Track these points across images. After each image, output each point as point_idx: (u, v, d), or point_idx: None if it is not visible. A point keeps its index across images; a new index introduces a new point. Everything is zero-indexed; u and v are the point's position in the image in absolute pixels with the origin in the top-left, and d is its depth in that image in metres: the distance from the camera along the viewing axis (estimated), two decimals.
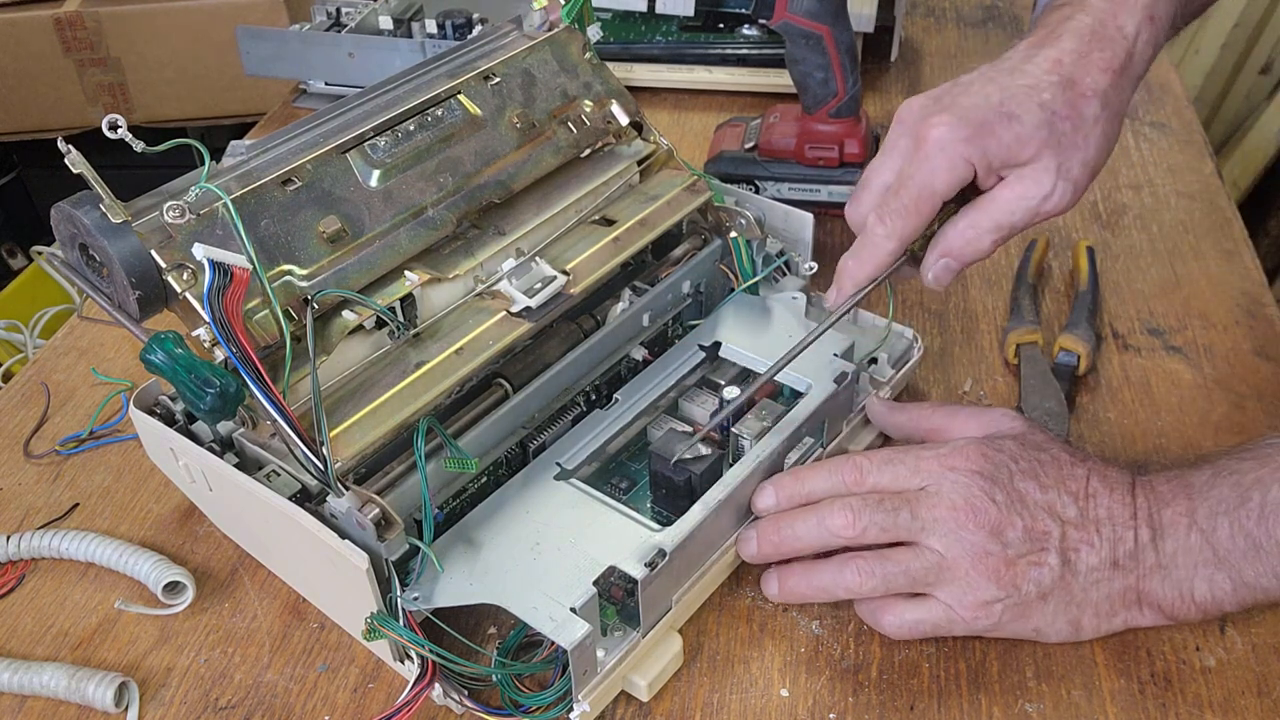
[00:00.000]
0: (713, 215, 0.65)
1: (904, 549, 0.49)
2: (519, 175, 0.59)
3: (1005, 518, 0.48)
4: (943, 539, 0.48)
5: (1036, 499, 0.49)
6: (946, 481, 0.49)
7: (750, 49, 1.01)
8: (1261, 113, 1.60)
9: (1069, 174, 0.51)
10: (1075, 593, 0.49)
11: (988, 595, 0.48)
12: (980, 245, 0.53)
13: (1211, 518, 0.48)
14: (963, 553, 0.48)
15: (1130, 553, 0.49)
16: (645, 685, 0.49)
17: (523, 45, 0.63)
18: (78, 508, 0.61)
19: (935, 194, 0.52)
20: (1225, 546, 0.47)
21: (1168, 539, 0.48)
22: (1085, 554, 0.49)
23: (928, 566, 0.49)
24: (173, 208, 0.48)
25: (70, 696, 0.50)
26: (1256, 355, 0.67)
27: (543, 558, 0.48)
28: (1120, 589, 0.49)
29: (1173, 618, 0.49)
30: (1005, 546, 0.48)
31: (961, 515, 0.48)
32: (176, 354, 0.44)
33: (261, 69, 1.01)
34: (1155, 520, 0.49)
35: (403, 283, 0.53)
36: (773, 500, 0.53)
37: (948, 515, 0.48)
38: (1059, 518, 0.49)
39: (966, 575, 0.48)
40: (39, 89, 1.56)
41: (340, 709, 0.50)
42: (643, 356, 0.61)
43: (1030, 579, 0.48)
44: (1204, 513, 0.48)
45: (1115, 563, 0.49)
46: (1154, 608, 0.49)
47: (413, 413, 0.50)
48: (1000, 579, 0.48)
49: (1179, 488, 0.49)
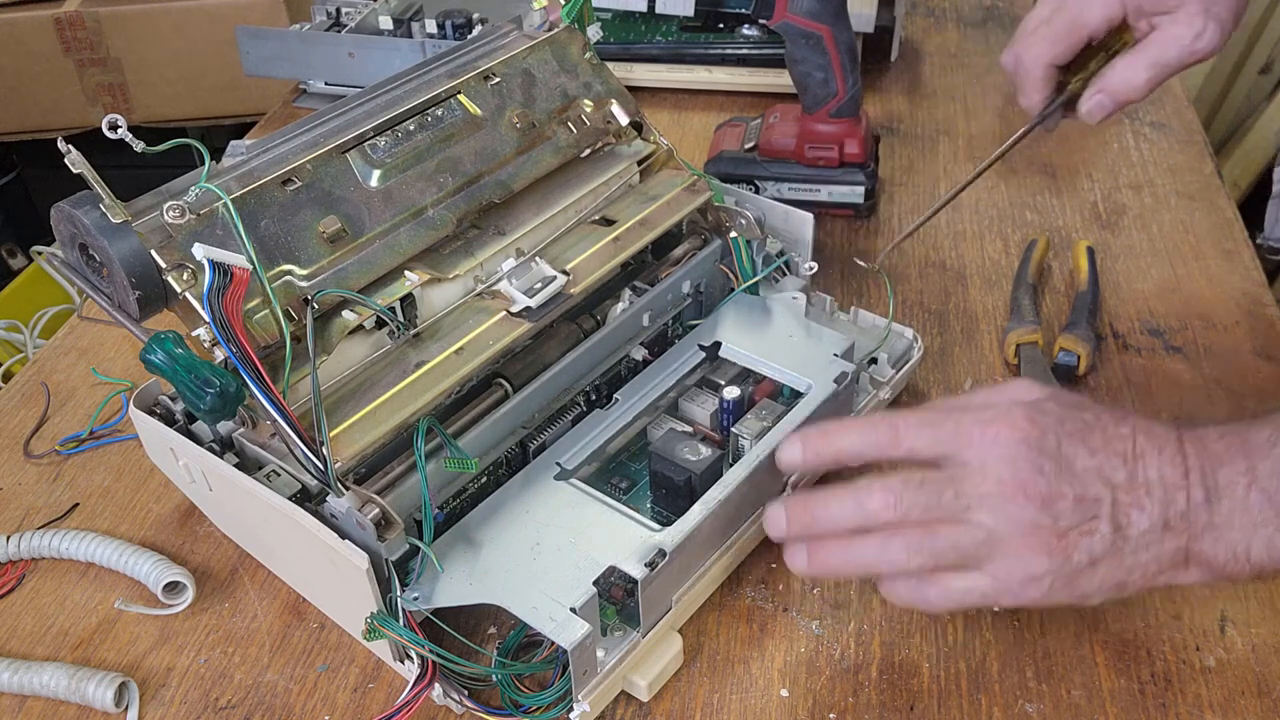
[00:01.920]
0: (713, 215, 0.65)
1: (951, 524, 0.47)
2: (519, 175, 0.59)
3: (1055, 489, 0.46)
4: (991, 514, 0.46)
5: (1086, 464, 0.47)
6: (992, 451, 0.47)
7: (750, 49, 1.01)
8: (1261, 113, 1.60)
9: (1217, 15, 0.57)
10: (1126, 557, 0.47)
11: (1039, 569, 0.46)
12: (1136, 81, 0.58)
13: (1274, 477, 0.46)
14: (1013, 528, 0.46)
15: (1182, 514, 0.47)
16: (645, 685, 0.49)
17: (523, 45, 0.63)
18: (78, 508, 0.61)
19: (1085, 25, 0.59)
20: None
21: (1224, 499, 0.46)
22: (1136, 518, 0.47)
23: (977, 542, 0.47)
24: (173, 208, 0.48)
25: (70, 696, 0.50)
26: (1256, 355, 0.67)
27: (543, 558, 0.48)
28: (1170, 550, 0.47)
29: (1222, 576, 0.47)
30: (1056, 519, 0.46)
31: (1009, 489, 0.46)
32: (176, 354, 0.44)
33: (261, 69, 1.01)
34: (1209, 479, 0.47)
35: (403, 283, 0.53)
36: (799, 457, 0.50)
37: (995, 490, 0.47)
38: (1109, 483, 0.47)
39: (1017, 550, 0.46)
40: (39, 89, 1.56)
41: (340, 709, 0.50)
42: (643, 356, 0.61)
43: (1082, 548, 0.47)
44: (1266, 471, 0.46)
45: (1167, 524, 0.47)
46: (1203, 567, 0.47)
47: (413, 413, 0.50)
48: (1052, 551, 0.46)
49: (1236, 445, 0.47)
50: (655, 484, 0.54)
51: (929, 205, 0.84)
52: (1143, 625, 0.52)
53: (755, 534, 0.55)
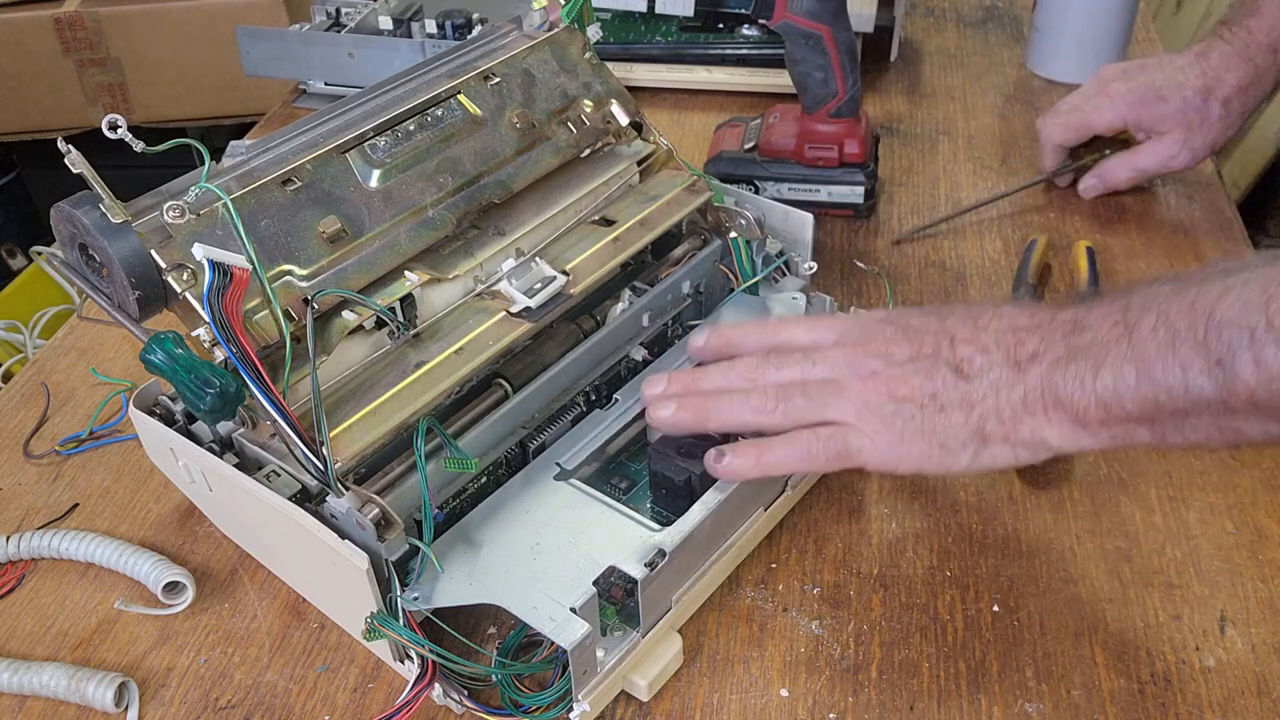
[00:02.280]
0: (712, 215, 0.65)
1: (804, 382, 0.52)
2: (519, 175, 0.59)
3: (893, 343, 0.51)
4: (834, 368, 0.52)
5: (931, 327, 0.51)
6: (849, 329, 0.54)
7: (750, 49, 1.01)
8: (1261, 113, 1.60)
9: (1191, 146, 0.78)
10: (974, 400, 0.48)
11: (886, 410, 0.50)
12: (1120, 177, 0.82)
13: (1140, 311, 0.45)
14: (852, 374, 0.51)
15: (1034, 353, 0.48)
16: (645, 685, 0.49)
17: (523, 45, 0.63)
18: (78, 508, 0.61)
19: (1092, 126, 0.82)
20: (1144, 337, 0.44)
21: (1086, 332, 0.47)
22: (979, 361, 0.49)
23: (826, 392, 0.51)
24: (173, 208, 0.48)
25: (70, 696, 0.50)
26: None
27: (542, 558, 0.48)
28: (1023, 391, 0.48)
29: (1077, 421, 0.46)
30: (890, 364, 0.51)
31: (852, 348, 0.52)
32: (176, 354, 0.44)
33: (261, 69, 1.01)
34: (1079, 320, 0.47)
35: (403, 283, 0.53)
36: (702, 342, 0.57)
37: (839, 352, 0.52)
38: (949, 335, 0.50)
39: (860, 393, 0.50)
40: (39, 89, 1.56)
41: (340, 709, 0.50)
42: (643, 356, 0.61)
43: (924, 391, 0.49)
44: (1136, 306, 0.46)
45: (1016, 363, 0.48)
46: (1059, 408, 0.47)
47: (413, 413, 0.50)
48: (894, 394, 0.50)
49: (1124, 291, 0.47)
50: (655, 484, 0.54)
51: (929, 205, 0.84)
52: (1143, 625, 0.52)
53: (755, 534, 0.55)
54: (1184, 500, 0.58)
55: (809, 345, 0.54)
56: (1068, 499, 0.59)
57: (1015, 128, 0.95)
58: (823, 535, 0.57)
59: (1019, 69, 1.05)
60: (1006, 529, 0.57)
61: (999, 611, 0.53)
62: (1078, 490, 0.59)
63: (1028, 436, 0.48)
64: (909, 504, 0.59)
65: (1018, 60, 1.06)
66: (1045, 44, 1.02)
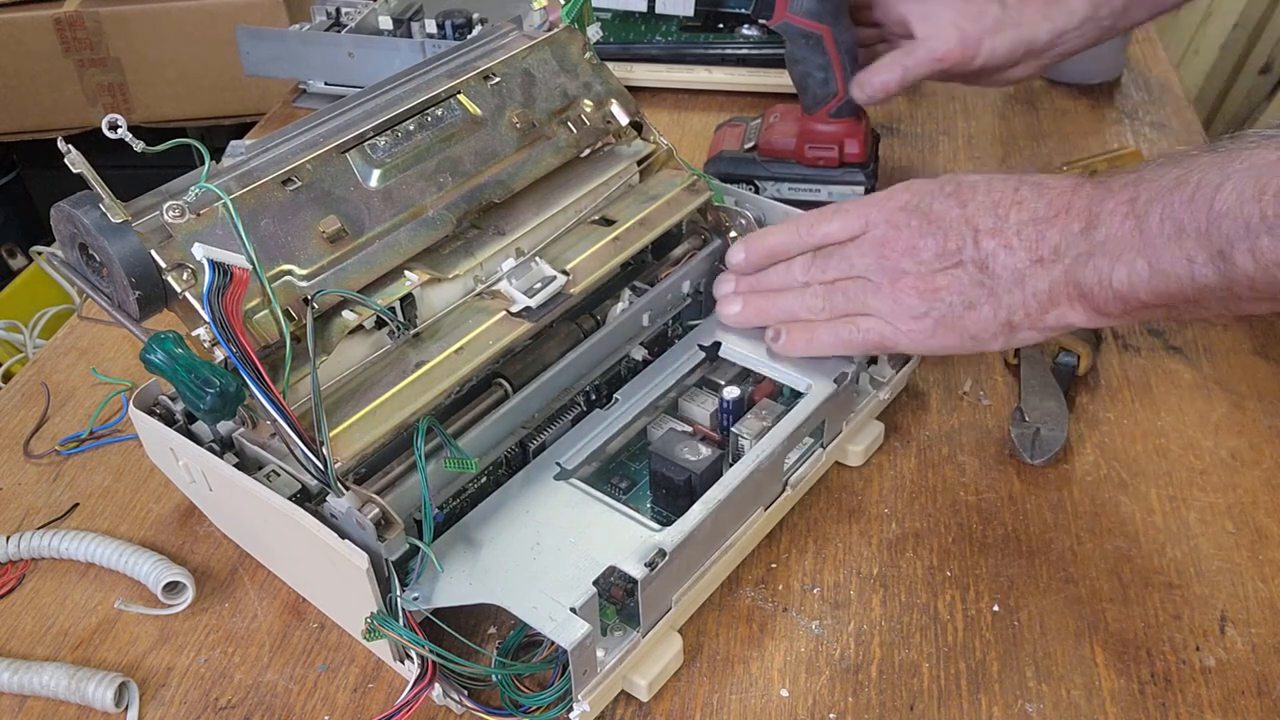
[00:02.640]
0: (712, 215, 0.65)
1: (845, 280, 0.57)
2: (519, 175, 0.59)
3: (918, 240, 0.54)
4: (868, 268, 0.56)
5: (953, 216, 0.53)
6: (877, 219, 0.56)
7: (750, 49, 1.01)
8: (1261, 113, 1.60)
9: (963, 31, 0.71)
10: (1000, 295, 0.52)
11: (917, 309, 0.54)
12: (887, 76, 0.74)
13: (1148, 204, 0.47)
14: (886, 276, 0.55)
15: (1055, 247, 0.50)
16: (645, 685, 0.49)
17: (523, 45, 0.63)
18: (78, 508, 0.61)
19: None
20: (1153, 231, 0.47)
21: (1101, 227, 0.49)
22: (1003, 257, 0.52)
23: (864, 290, 0.56)
24: (173, 208, 0.48)
25: (70, 696, 0.50)
26: (1256, 355, 0.67)
27: (543, 558, 0.48)
28: (1048, 285, 0.51)
29: (1098, 310, 0.50)
30: (920, 265, 0.54)
31: (880, 245, 0.55)
32: (176, 354, 0.44)
33: (261, 69, 1.01)
34: (1094, 212, 0.49)
35: (403, 283, 0.53)
36: (742, 256, 0.61)
37: (871, 248, 0.56)
38: (973, 228, 0.52)
39: (892, 294, 0.55)
40: (39, 89, 1.56)
41: (340, 709, 0.50)
42: (643, 356, 0.61)
43: (952, 289, 0.53)
44: (1144, 199, 0.48)
45: (1039, 260, 0.51)
46: (1082, 299, 0.50)
47: (413, 413, 0.50)
48: (922, 292, 0.54)
49: (1132, 180, 0.49)
50: (655, 484, 0.54)
51: None
52: (1143, 625, 0.52)
53: (755, 534, 0.55)
54: (1184, 500, 0.58)
55: (845, 238, 0.57)
56: (1068, 499, 0.59)
57: (1015, 128, 0.95)
58: (823, 535, 0.57)
59: None
60: (1006, 529, 0.57)
61: (999, 611, 0.53)
62: (1078, 490, 0.59)
63: (1054, 323, 0.52)
64: (909, 504, 0.59)
65: None
66: None
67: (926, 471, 0.61)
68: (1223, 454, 0.60)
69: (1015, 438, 0.61)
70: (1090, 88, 1.00)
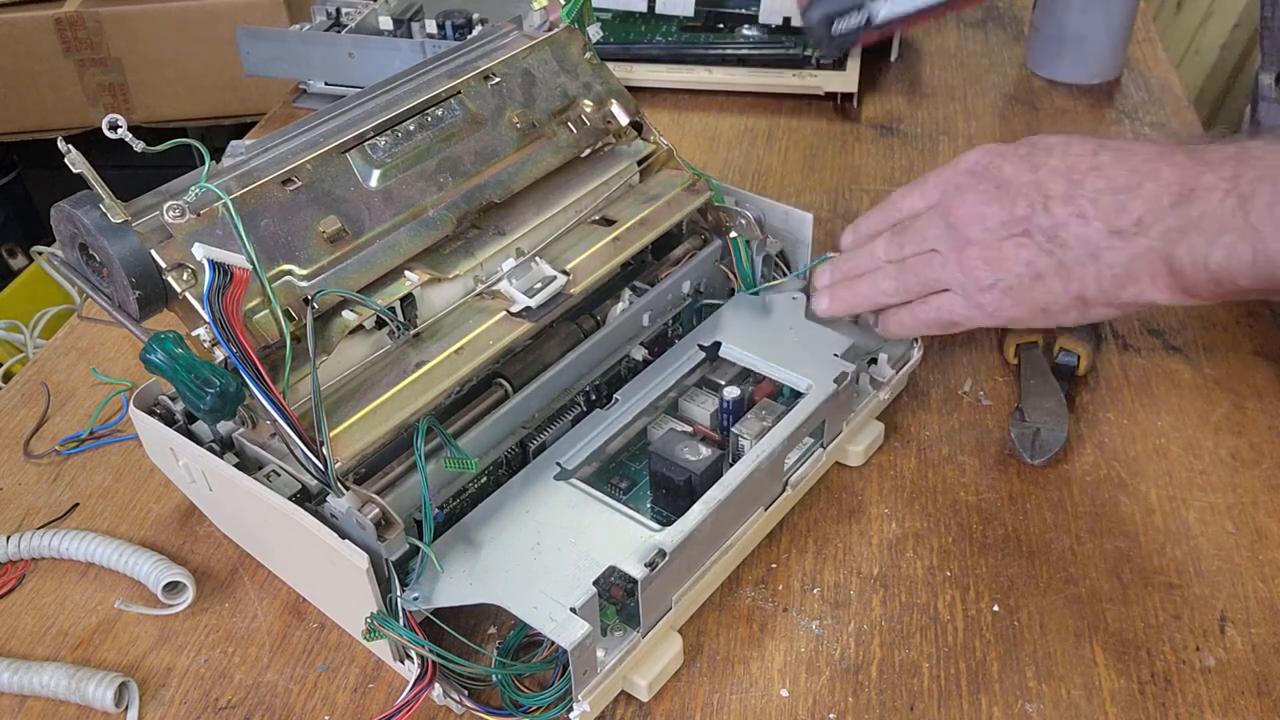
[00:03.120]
0: (712, 215, 0.65)
1: (919, 257, 0.55)
2: (519, 175, 0.59)
3: (984, 206, 0.52)
4: (939, 240, 0.54)
5: (1024, 181, 0.51)
6: (949, 186, 0.55)
7: (750, 49, 1.01)
8: None
9: None
10: (1071, 267, 0.49)
11: (985, 280, 0.52)
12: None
13: (1255, 183, 0.44)
14: (954, 247, 0.53)
15: (1138, 220, 0.47)
16: (645, 685, 0.49)
17: (523, 45, 0.63)
18: (78, 508, 0.61)
19: None
20: (1260, 214, 0.44)
21: (1197, 203, 0.46)
22: (1075, 228, 0.49)
23: (935, 265, 0.54)
24: (173, 208, 0.48)
25: (70, 696, 0.50)
26: (1256, 355, 0.67)
27: (543, 558, 0.48)
28: (1126, 259, 0.48)
29: (1186, 291, 0.47)
30: (986, 232, 0.52)
31: (950, 215, 0.53)
32: (176, 354, 0.44)
33: (261, 69, 1.01)
34: (1187, 185, 0.46)
35: (403, 283, 0.53)
36: (850, 239, 0.61)
37: (940, 219, 0.54)
38: (1044, 195, 0.50)
39: (961, 266, 0.53)
40: (39, 89, 1.56)
41: (340, 709, 0.50)
42: (643, 356, 0.61)
43: (1020, 259, 0.51)
44: (1249, 177, 0.45)
45: (1118, 232, 0.47)
46: (1170, 278, 0.47)
47: (413, 413, 0.50)
48: (990, 262, 0.52)
49: (1233, 154, 0.46)
50: (655, 484, 0.54)
51: None
52: (1143, 625, 0.52)
53: (755, 534, 0.55)
54: (1184, 500, 0.58)
55: (925, 208, 0.56)
56: (1068, 499, 0.59)
57: (1015, 128, 0.95)
58: (823, 535, 0.57)
59: (1019, 69, 1.05)
60: (1006, 529, 0.57)
61: (999, 611, 0.53)
62: (1078, 490, 0.59)
63: (1131, 299, 0.49)
64: (909, 504, 0.59)
65: (1018, 60, 1.06)
66: (1045, 44, 1.02)
67: (926, 471, 0.61)
68: (1223, 454, 0.60)
69: (1015, 438, 0.61)
70: (1090, 88, 1.00)
